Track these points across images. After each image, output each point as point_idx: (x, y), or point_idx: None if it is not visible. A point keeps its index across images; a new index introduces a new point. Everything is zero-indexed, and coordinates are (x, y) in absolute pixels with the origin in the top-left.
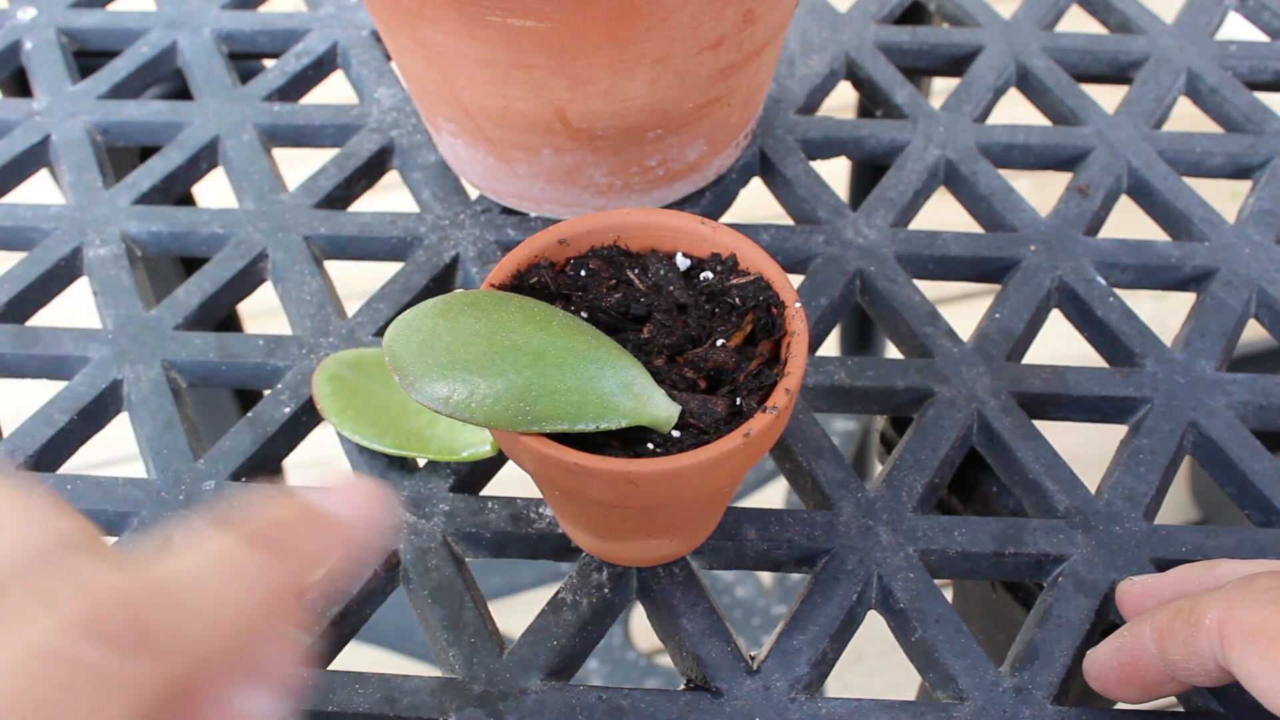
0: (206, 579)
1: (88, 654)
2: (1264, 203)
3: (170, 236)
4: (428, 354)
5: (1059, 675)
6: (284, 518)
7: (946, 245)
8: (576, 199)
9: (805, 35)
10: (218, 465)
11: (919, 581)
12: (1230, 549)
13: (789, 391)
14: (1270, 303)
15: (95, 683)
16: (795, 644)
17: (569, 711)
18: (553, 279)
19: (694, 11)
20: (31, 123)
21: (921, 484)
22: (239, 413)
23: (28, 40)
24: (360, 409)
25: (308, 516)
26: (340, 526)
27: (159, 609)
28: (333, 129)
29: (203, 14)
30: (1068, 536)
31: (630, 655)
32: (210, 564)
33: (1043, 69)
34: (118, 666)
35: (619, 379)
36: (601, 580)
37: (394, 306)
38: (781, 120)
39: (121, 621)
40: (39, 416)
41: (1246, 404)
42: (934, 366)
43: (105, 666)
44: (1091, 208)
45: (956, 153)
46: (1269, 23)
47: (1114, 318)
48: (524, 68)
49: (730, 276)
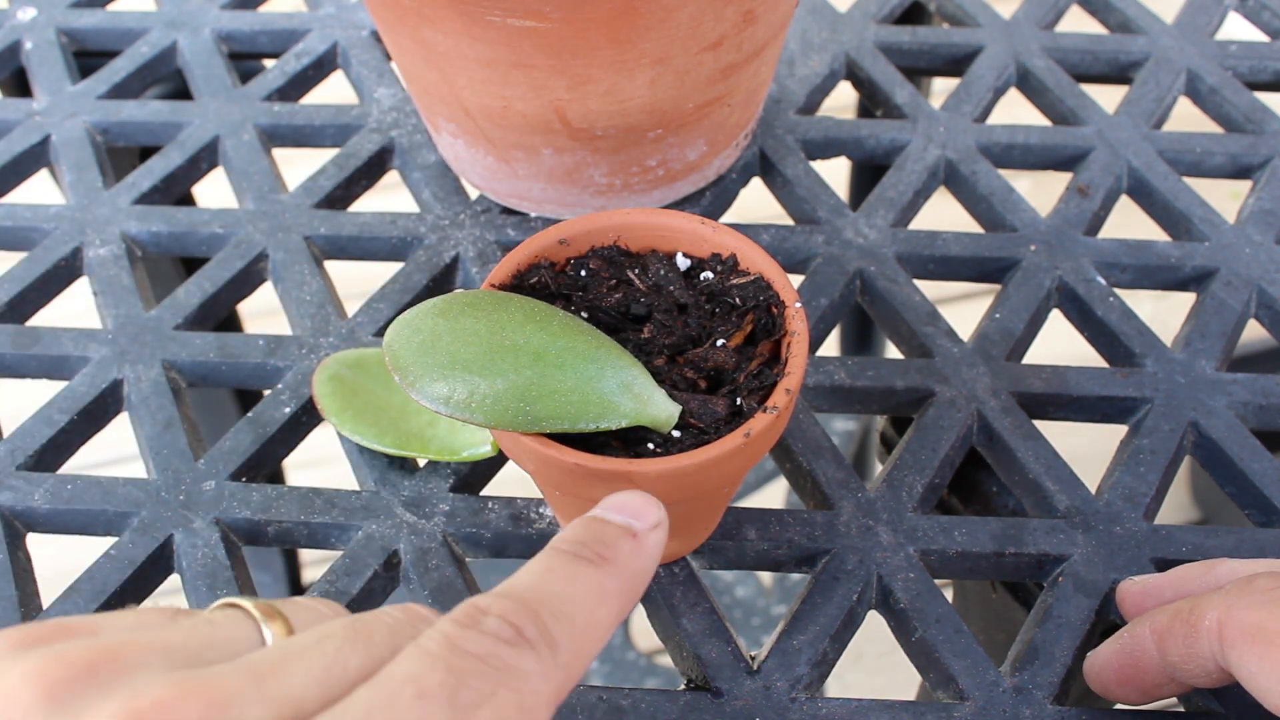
0: (578, 599)
1: (513, 657)
2: (1264, 203)
3: (170, 236)
4: (428, 354)
5: (1059, 675)
6: (607, 535)
7: (946, 245)
8: (576, 199)
9: (805, 35)
10: (218, 465)
11: (919, 581)
12: (1230, 549)
13: (789, 391)
14: (1270, 303)
15: (513, 677)
16: (795, 644)
17: (569, 711)
18: (553, 279)
19: (694, 11)
20: (31, 123)
21: (921, 484)
22: (239, 413)
23: (28, 40)
24: (360, 409)
25: (623, 532)
26: (649, 534)
27: (556, 620)
28: (333, 129)
29: (203, 14)
30: (1068, 536)
31: (630, 655)
32: (577, 587)
33: (1043, 69)
34: (534, 663)
35: (619, 379)
36: None
37: (394, 306)
38: (781, 120)
39: (531, 627)
40: (39, 416)
41: (1246, 404)
42: (934, 366)
43: (522, 663)
44: (1091, 208)
45: (956, 153)
46: (1269, 23)
47: (1114, 318)
48: (524, 68)
49: (730, 276)
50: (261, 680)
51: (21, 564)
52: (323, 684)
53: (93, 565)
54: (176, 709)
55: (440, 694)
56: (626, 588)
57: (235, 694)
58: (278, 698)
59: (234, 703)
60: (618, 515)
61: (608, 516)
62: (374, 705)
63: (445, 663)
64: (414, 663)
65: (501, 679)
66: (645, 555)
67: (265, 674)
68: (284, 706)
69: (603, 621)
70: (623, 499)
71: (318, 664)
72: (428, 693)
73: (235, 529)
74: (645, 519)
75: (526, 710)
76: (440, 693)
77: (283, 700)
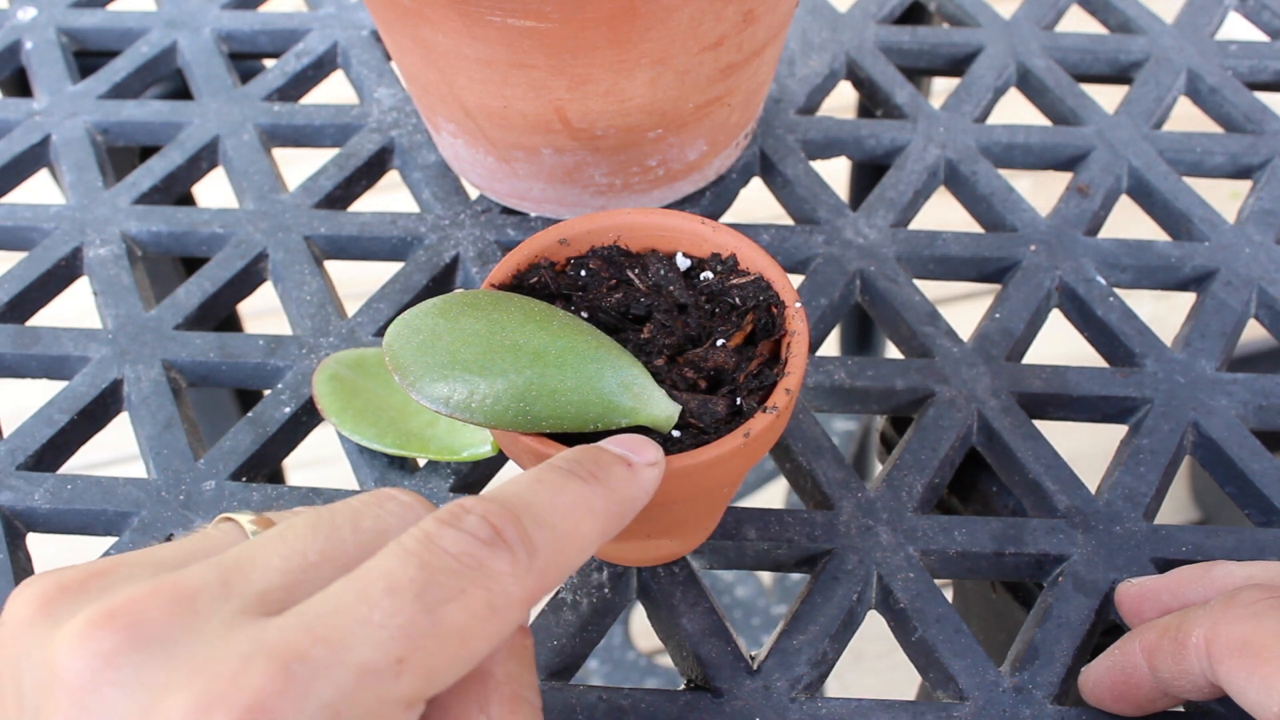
0: (563, 509)
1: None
2: (1264, 203)
3: (170, 236)
4: (428, 354)
5: (1059, 675)
6: (602, 459)
7: (946, 245)
8: (576, 199)
9: (805, 35)
10: (218, 465)
11: (919, 581)
12: (1230, 549)
13: (789, 391)
14: (1270, 303)
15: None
16: (795, 644)
17: (569, 711)
18: (553, 279)
19: (694, 11)
20: (31, 123)
21: (921, 484)
22: (239, 413)
23: (28, 40)
24: (360, 409)
25: (618, 459)
26: (643, 466)
27: (537, 526)
28: (333, 129)
29: (203, 14)
30: (1068, 536)
31: (630, 655)
32: (564, 498)
33: (1043, 69)
34: (508, 564)
35: (619, 379)
36: (601, 580)
37: (394, 306)
38: (781, 120)
39: (510, 529)
40: (39, 416)
41: (1246, 404)
42: (934, 366)
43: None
44: (1091, 208)
45: (956, 153)
46: (1269, 23)
47: (1114, 318)
48: (524, 68)
49: (730, 276)
50: (227, 574)
51: (21, 564)
52: (284, 573)
53: None
54: (145, 605)
55: (410, 589)
56: (613, 510)
57: (201, 587)
58: (241, 589)
59: (200, 596)
60: (617, 447)
61: (607, 446)
62: (345, 598)
63: (419, 559)
64: (390, 558)
65: (472, 577)
66: (637, 485)
67: (230, 569)
68: (247, 597)
69: (585, 535)
70: (624, 437)
71: (277, 555)
72: (398, 587)
73: None
74: (643, 455)
75: (496, 610)
76: (410, 588)
77: (246, 591)
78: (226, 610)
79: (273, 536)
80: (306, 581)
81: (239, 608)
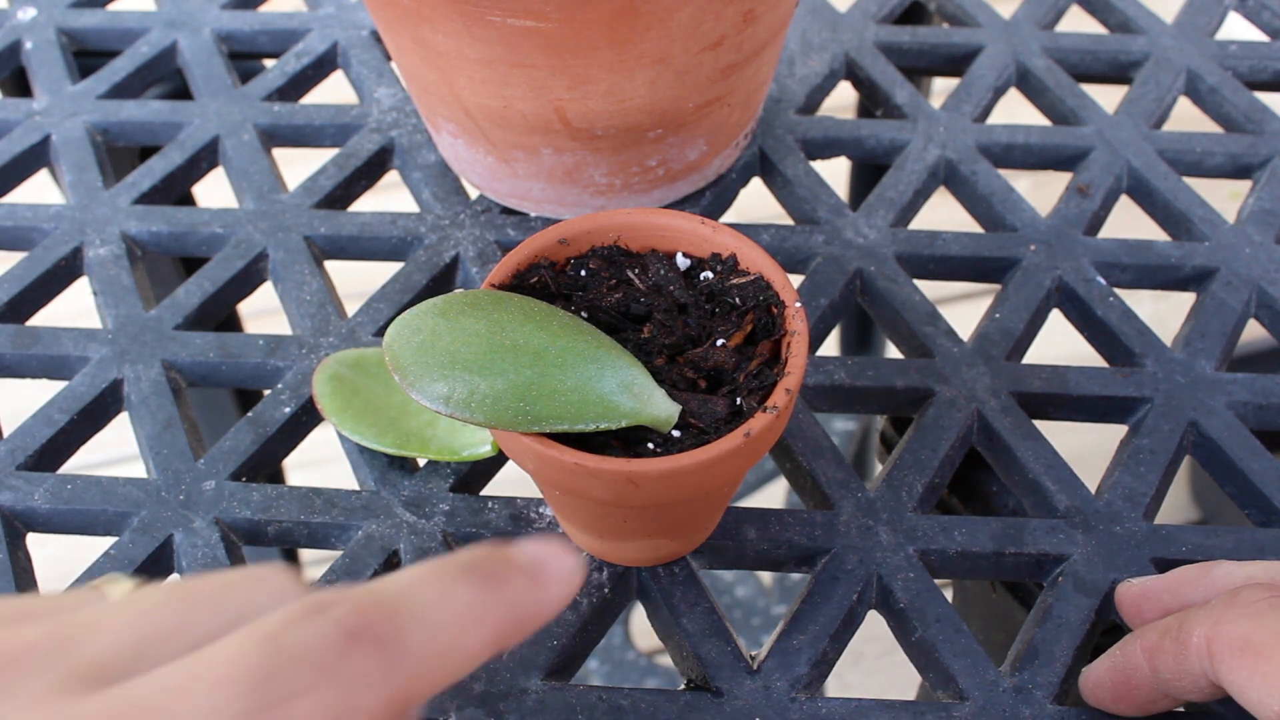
0: (447, 613)
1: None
2: (1264, 203)
3: (170, 236)
4: (428, 354)
5: (1059, 675)
6: (504, 566)
7: (946, 245)
8: (576, 199)
9: (805, 35)
10: (218, 465)
11: (919, 581)
12: (1230, 549)
13: (789, 391)
14: (1270, 303)
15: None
16: (795, 644)
17: (569, 711)
18: (553, 279)
19: (694, 11)
20: (31, 123)
21: (921, 484)
22: (239, 413)
23: (28, 40)
24: (360, 409)
25: (524, 570)
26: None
27: (416, 626)
28: (333, 129)
29: (203, 14)
30: (1068, 536)
31: (630, 655)
32: (452, 601)
33: (1043, 69)
34: (372, 665)
35: (619, 379)
36: (601, 580)
37: (394, 306)
38: (781, 120)
39: (381, 626)
40: (39, 416)
41: (1246, 404)
42: (934, 366)
43: (356, 661)
44: (1091, 208)
45: (956, 153)
46: (1269, 23)
47: (1114, 318)
48: (524, 68)
49: (730, 276)
50: (63, 638)
51: (21, 564)
52: (125, 644)
53: (92, 565)
54: None
55: (249, 678)
56: (506, 623)
57: (30, 648)
58: (74, 656)
59: (26, 658)
60: (529, 554)
61: (520, 549)
62: (176, 679)
63: (269, 647)
64: (237, 643)
65: (325, 675)
66: (539, 600)
67: (68, 633)
68: (77, 664)
69: (469, 645)
70: (545, 544)
71: (124, 624)
72: (236, 676)
73: (235, 529)
74: (555, 568)
75: (351, 712)
76: (250, 677)
77: (78, 658)
78: (49, 676)
79: (124, 604)
80: (149, 656)
81: (64, 675)
